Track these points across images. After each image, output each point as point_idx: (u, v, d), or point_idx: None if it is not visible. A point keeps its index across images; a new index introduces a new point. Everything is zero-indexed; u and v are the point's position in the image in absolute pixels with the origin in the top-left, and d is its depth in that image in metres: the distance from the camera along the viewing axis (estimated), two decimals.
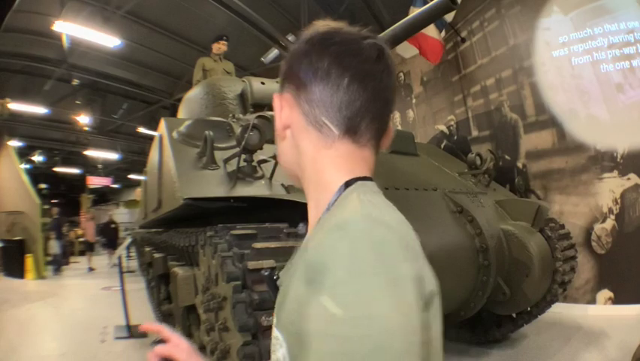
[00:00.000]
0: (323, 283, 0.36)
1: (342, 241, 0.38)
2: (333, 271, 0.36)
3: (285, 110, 0.55)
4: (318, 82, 0.51)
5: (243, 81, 3.46)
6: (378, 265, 0.36)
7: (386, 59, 0.52)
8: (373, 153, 0.55)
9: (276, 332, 0.45)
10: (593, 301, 3.97)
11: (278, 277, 0.53)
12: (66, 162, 17.39)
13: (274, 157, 2.13)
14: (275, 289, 0.51)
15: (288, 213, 1.94)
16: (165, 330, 0.66)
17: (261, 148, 2.12)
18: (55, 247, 9.30)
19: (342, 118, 0.51)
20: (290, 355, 0.40)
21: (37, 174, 16.17)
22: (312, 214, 0.53)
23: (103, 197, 23.59)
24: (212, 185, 2.03)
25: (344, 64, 0.50)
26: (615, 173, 3.92)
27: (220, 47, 4.45)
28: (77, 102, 11.11)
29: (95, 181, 18.27)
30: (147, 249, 4.40)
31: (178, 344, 0.64)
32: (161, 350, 0.63)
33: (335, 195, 0.49)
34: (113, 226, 11.30)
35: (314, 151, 0.53)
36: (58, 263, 9.43)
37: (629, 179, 3.87)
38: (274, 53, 8.61)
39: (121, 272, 4.32)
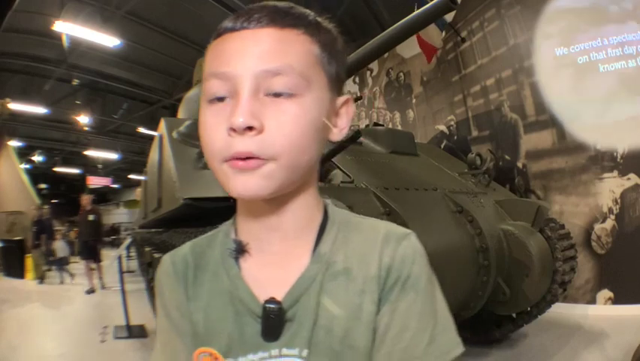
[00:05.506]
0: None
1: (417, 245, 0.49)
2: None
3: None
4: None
5: None
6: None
7: None
8: None
9: None
10: (593, 301, 3.97)
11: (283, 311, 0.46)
12: (66, 162, 17.39)
13: None
14: (281, 324, 0.45)
15: None
16: None
17: None
18: (62, 248, 8.86)
19: None
20: None
21: (37, 174, 16.17)
22: (303, 223, 0.49)
23: (103, 197, 23.60)
24: (212, 185, 2.02)
25: None
26: (615, 173, 3.92)
27: None
28: (77, 102, 11.11)
29: (95, 181, 18.26)
30: (147, 249, 4.40)
31: None
32: None
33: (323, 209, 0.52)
34: (91, 218, 6.88)
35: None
36: (65, 263, 8.62)
37: (629, 179, 3.87)
38: None
39: (121, 272, 4.32)
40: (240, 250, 0.49)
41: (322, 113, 0.45)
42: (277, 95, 0.42)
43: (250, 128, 0.40)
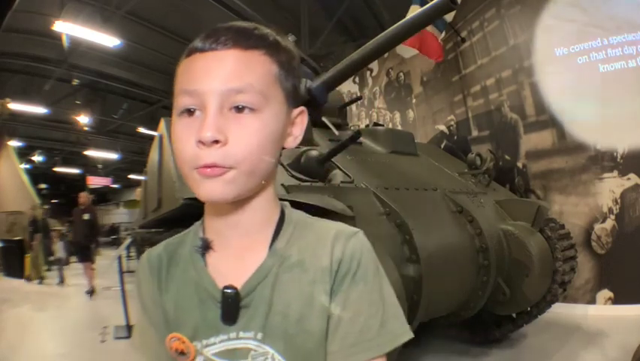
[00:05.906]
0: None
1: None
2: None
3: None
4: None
5: None
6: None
7: None
8: None
9: (263, 348, 0.50)
10: (593, 301, 3.97)
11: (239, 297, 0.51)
12: (66, 162, 17.40)
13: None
14: (237, 309, 0.50)
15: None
16: None
17: None
18: (60, 248, 8.79)
19: None
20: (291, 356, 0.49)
21: (37, 174, 16.17)
22: (261, 224, 0.55)
23: (103, 197, 23.61)
24: None
25: None
26: (615, 173, 3.92)
27: None
28: (77, 102, 11.11)
29: (95, 181, 18.27)
30: (147, 249, 4.39)
31: None
32: None
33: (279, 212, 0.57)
34: (86, 217, 6.57)
35: None
36: (64, 263, 8.56)
37: (629, 179, 3.87)
38: None
39: (121, 272, 4.32)
40: (205, 246, 0.54)
41: (279, 125, 0.51)
42: (240, 110, 0.47)
43: (216, 141, 0.45)
